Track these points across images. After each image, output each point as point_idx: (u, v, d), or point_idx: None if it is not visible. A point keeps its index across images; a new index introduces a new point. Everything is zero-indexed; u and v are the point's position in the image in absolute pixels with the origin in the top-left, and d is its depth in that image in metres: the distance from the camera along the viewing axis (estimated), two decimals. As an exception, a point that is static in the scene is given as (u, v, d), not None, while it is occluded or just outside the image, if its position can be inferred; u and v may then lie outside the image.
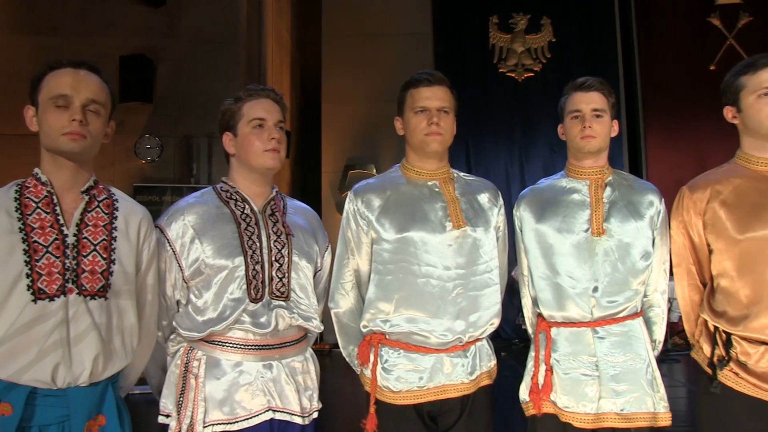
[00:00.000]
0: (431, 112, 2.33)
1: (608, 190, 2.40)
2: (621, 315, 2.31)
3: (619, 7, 10.56)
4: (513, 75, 10.21)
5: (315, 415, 2.29)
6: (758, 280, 2.14)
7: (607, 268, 2.30)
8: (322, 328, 2.33)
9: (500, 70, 10.32)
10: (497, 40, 10.45)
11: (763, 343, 2.13)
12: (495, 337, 2.52)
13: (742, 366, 2.16)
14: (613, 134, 2.42)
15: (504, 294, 2.48)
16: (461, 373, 2.32)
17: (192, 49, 8.20)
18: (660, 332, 2.45)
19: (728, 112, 2.29)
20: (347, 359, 2.49)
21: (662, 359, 7.30)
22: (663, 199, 2.42)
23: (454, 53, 10.32)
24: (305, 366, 2.29)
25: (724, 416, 2.20)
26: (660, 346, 2.46)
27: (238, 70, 8.54)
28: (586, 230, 2.33)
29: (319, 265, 2.41)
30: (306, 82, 11.39)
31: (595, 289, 2.30)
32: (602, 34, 10.35)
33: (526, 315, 2.50)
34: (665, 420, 2.30)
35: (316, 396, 2.31)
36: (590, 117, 2.34)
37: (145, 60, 7.84)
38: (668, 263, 2.43)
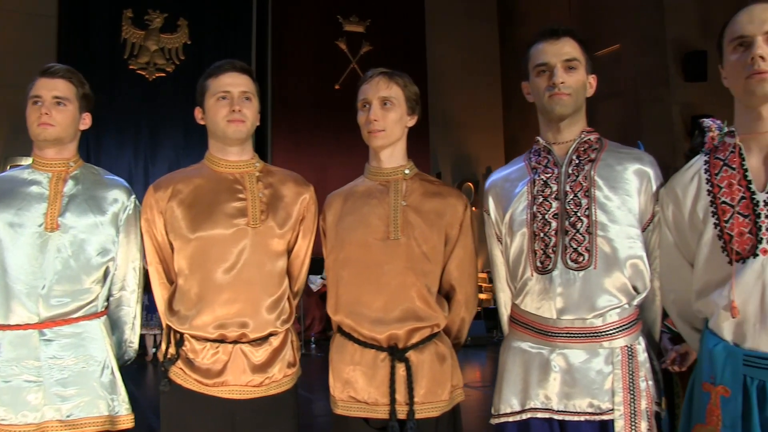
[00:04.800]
0: None
1: (71, 183, 2.28)
2: (74, 315, 2.19)
3: (257, 20, 10.86)
4: (143, 73, 9.87)
5: None
6: (205, 278, 2.18)
7: (58, 266, 2.18)
8: None
9: (130, 67, 9.91)
10: (130, 35, 10.03)
11: (207, 339, 2.18)
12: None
13: (189, 363, 2.18)
14: (84, 127, 2.34)
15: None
16: None
17: None
18: (130, 332, 2.39)
19: (198, 113, 2.32)
20: None
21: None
22: (133, 196, 2.37)
23: (81, 43, 9.68)
24: None
25: (175, 413, 2.21)
26: (134, 345, 2.40)
27: None
28: (40, 225, 2.18)
29: None
30: None
31: (43, 288, 2.15)
32: (238, 43, 10.55)
33: None
34: (127, 422, 2.24)
35: None
36: (50, 104, 2.22)
37: None
38: (138, 261, 2.38)
